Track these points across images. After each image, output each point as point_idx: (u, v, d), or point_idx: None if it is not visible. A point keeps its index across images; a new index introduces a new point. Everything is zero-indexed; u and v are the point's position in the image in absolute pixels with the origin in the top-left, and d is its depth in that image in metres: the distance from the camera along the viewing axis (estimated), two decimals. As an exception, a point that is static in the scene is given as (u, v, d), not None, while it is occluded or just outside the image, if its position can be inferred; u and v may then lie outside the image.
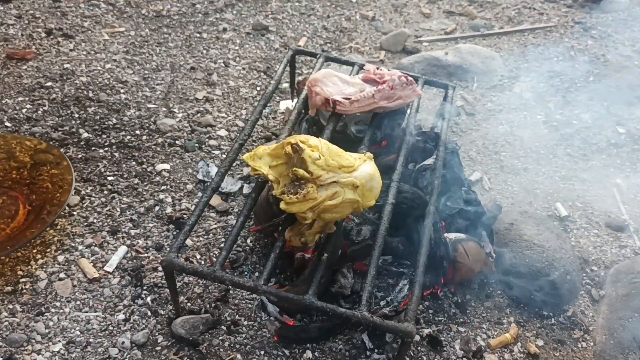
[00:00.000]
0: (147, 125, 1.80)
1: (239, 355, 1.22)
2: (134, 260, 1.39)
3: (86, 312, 1.27)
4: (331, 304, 1.03)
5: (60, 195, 1.41)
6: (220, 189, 1.57)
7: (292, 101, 1.85)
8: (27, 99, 1.83)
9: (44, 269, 1.34)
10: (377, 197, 1.09)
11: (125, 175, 1.62)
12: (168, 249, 1.41)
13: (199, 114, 1.88)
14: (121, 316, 1.26)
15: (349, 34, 2.47)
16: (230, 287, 1.32)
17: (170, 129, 1.79)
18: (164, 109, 1.87)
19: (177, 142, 1.76)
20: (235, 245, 1.40)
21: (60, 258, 1.37)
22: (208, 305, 1.30)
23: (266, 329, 1.27)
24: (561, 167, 1.84)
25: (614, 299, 1.40)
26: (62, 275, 1.33)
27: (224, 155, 1.72)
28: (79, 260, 1.37)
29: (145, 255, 1.41)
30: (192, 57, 2.16)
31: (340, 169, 1.04)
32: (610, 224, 1.65)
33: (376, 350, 1.24)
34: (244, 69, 2.15)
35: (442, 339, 1.29)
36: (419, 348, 1.27)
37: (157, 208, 1.53)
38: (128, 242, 1.44)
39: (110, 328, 1.24)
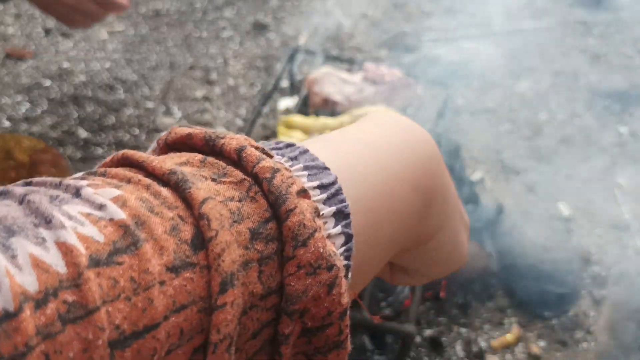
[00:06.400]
0: (146, 124, 1.79)
1: (238, 357, 1.20)
2: (133, 261, 1.38)
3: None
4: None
5: (58, 195, 1.39)
6: (219, 189, 1.56)
7: (292, 100, 1.84)
8: (25, 98, 1.82)
9: (42, 270, 1.33)
10: None
11: (124, 175, 1.61)
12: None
13: (198, 113, 1.87)
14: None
15: (349, 32, 2.47)
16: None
17: (169, 128, 1.78)
18: (163, 108, 1.86)
19: (176, 141, 1.74)
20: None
21: (59, 258, 1.36)
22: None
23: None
24: (563, 167, 1.83)
25: (615, 300, 1.39)
26: (60, 275, 1.32)
27: (223, 155, 1.71)
28: (77, 261, 1.36)
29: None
30: (191, 55, 2.15)
31: None
32: (612, 224, 1.64)
33: (377, 351, 1.23)
34: (243, 67, 2.14)
35: (444, 339, 1.28)
36: (420, 349, 1.26)
37: (156, 208, 1.52)
38: (127, 242, 1.42)
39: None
